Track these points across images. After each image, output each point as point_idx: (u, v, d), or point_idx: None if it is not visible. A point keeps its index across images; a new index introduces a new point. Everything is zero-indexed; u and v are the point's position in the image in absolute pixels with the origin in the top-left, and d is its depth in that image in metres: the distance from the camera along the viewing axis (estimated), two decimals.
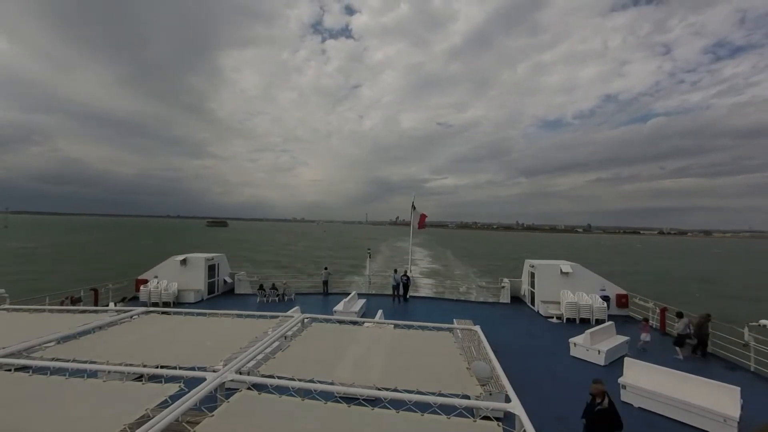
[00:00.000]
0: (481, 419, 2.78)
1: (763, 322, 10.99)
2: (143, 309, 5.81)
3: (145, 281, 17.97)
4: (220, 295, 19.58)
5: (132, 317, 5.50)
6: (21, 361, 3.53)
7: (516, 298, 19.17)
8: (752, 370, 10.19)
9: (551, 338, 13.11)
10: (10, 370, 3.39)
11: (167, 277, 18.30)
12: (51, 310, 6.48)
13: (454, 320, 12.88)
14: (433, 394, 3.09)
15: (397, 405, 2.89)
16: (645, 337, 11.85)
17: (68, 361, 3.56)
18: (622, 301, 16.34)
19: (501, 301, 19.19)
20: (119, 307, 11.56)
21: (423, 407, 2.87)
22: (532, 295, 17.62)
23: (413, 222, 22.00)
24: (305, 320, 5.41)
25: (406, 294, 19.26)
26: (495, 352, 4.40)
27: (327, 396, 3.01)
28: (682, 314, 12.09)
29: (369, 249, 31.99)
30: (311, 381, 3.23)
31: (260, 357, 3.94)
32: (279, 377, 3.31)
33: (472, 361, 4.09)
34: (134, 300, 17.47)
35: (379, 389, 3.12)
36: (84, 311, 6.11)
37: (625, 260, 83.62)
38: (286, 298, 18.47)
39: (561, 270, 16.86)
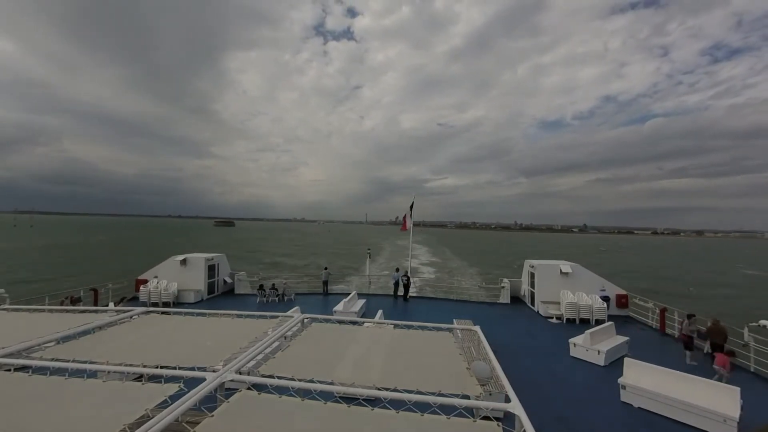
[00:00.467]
0: (481, 419, 2.77)
1: (763, 322, 11.00)
2: (143, 309, 5.80)
3: (145, 281, 17.97)
4: (220, 295, 19.57)
5: (132, 317, 5.50)
6: (21, 361, 3.53)
7: (516, 299, 19.17)
8: (752, 370, 10.18)
9: (551, 338, 13.11)
10: (9, 370, 3.39)
11: (167, 277, 18.30)
12: (51, 310, 6.48)
13: (454, 320, 12.89)
14: (433, 394, 3.08)
15: (397, 405, 2.89)
16: (723, 371, 9.70)
17: (68, 361, 3.56)
18: (622, 301, 16.34)
19: (501, 301, 19.19)
20: (119, 307, 11.56)
21: (423, 407, 2.86)
22: (532, 295, 17.63)
23: (409, 222, 22.77)
24: (305, 320, 5.40)
25: (406, 294, 19.31)
26: (495, 352, 4.40)
27: (327, 396, 3.01)
28: (692, 315, 11.32)
29: (369, 249, 31.98)
30: (311, 381, 3.22)
31: (260, 357, 3.94)
32: (279, 377, 3.31)
33: (472, 361, 4.09)
34: (134, 300, 17.47)
35: (379, 389, 3.12)
36: (84, 311, 6.10)
37: (599, 257, 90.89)
38: (286, 298, 18.47)
39: (561, 270, 16.86)
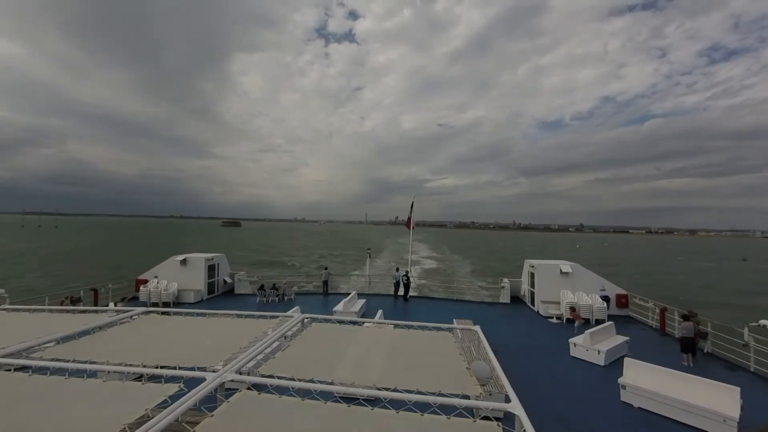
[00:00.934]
0: (480, 419, 2.77)
1: (763, 322, 10.99)
2: (143, 309, 5.80)
3: (145, 281, 17.97)
4: (220, 295, 19.57)
5: (132, 317, 5.50)
6: (21, 361, 3.53)
7: (516, 298, 19.17)
8: (752, 370, 10.18)
9: (551, 338, 13.10)
10: (9, 370, 3.39)
11: (167, 277, 18.29)
12: (51, 310, 6.47)
13: (454, 320, 12.88)
14: (432, 394, 3.08)
15: (397, 405, 2.89)
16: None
17: (68, 361, 3.56)
18: (622, 301, 16.34)
19: (501, 301, 19.20)
20: (119, 307, 11.56)
21: (423, 407, 2.86)
22: (532, 295, 17.63)
23: (409, 222, 23.32)
24: (305, 320, 5.40)
25: (406, 294, 19.32)
26: (495, 352, 4.40)
27: (327, 396, 3.01)
28: (688, 317, 10.98)
29: (369, 249, 31.97)
30: (311, 381, 3.23)
31: (260, 357, 3.94)
32: (279, 377, 3.31)
33: (472, 361, 4.09)
34: (134, 300, 17.46)
35: (378, 389, 3.12)
36: (84, 311, 6.10)
37: (578, 253, 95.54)
38: (286, 298, 18.47)
39: (561, 270, 16.86)
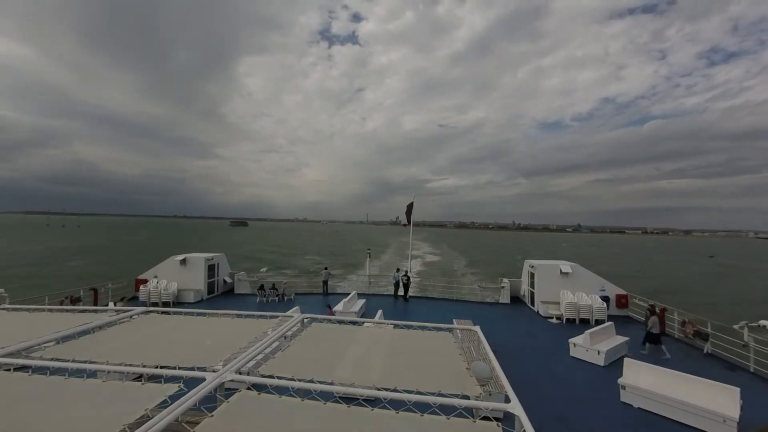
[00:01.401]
0: (480, 419, 2.77)
1: (763, 322, 11.00)
2: (143, 309, 5.80)
3: (145, 281, 17.97)
4: (219, 295, 19.57)
5: (131, 317, 5.49)
6: (20, 361, 3.52)
7: (516, 299, 19.17)
8: (752, 370, 10.18)
9: (551, 338, 13.11)
10: (9, 369, 3.38)
11: (167, 277, 18.30)
12: (50, 310, 6.47)
13: (454, 320, 12.89)
14: (432, 394, 3.08)
15: (397, 405, 2.89)
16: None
17: (68, 361, 3.55)
18: (622, 301, 16.34)
19: (501, 301, 19.20)
20: (119, 306, 11.57)
21: (423, 407, 2.86)
22: (532, 295, 17.63)
23: (409, 219, 23.44)
24: (305, 320, 5.40)
25: (406, 294, 19.33)
26: (495, 352, 4.39)
27: (327, 396, 3.01)
28: (654, 311, 12.02)
29: (369, 249, 31.96)
30: (311, 381, 3.22)
31: (260, 357, 3.93)
32: (279, 377, 3.31)
33: (472, 361, 4.08)
34: (134, 300, 17.47)
35: (378, 389, 3.12)
36: (83, 311, 6.10)
37: (563, 252, 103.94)
38: (285, 298, 18.48)
39: (561, 270, 16.85)
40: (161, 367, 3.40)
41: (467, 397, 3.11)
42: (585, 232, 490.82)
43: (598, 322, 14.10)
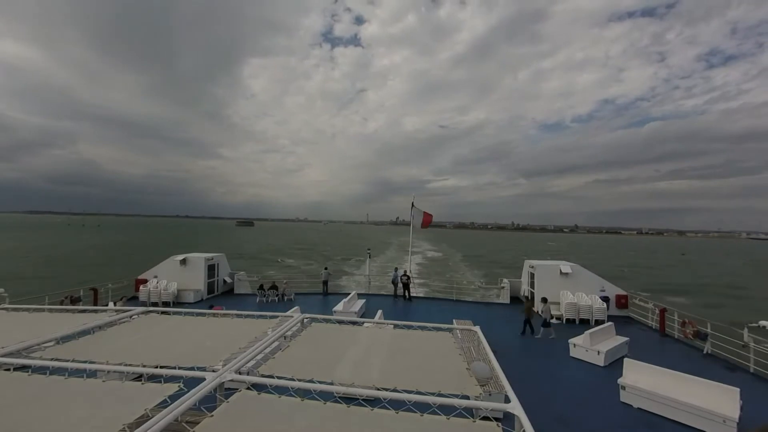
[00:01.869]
0: (480, 420, 2.77)
1: (763, 323, 11.01)
2: (143, 309, 5.80)
3: (145, 281, 17.97)
4: (219, 295, 19.57)
5: (131, 317, 5.49)
6: (20, 361, 3.52)
7: (516, 299, 19.17)
8: (752, 371, 10.18)
9: (551, 339, 13.11)
10: (9, 369, 3.38)
11: (167, 276, 18.29)
12: (50, 310, 6.47)
13: (454, 320, 12.88)
14: (432, 394, 3.08)
15: (397, 405, 2.89)
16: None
17: (67, 360, 3.55)
18: (622, 301, 16.34)
19: (501, 301, 19.21)
20: (119, 306, 11.57)
21: (422, 407, 2.86)
22: (532, 295, 17.63)
23: (414, 221, 22.01)
24: (305, 320, 5.40)
25: (406, 293, 19.32)
26: (494, 352, 4.39)
27: (326, 396, 3.00)
28: (546, 300, 14.10)
29: (369, 249, 31.95)
30: (311, 381, 3.22)
31: (260, 357, 3.93)
32: (278, 377, 3.31)
33: (472, 361, 4.08)
34: (134, 300, 17.46)
35: (378, 389, 3.12)
36: (83, 311, 6.10)
37: (548, 251, 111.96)
38: (285, 298, 18.47)
39: (561, 270, 16.85)
40: (161, 367, 3.40)
41: (467, 397, 3.11)
42: (582, 233, 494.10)
43: (598, 323, 14.10)
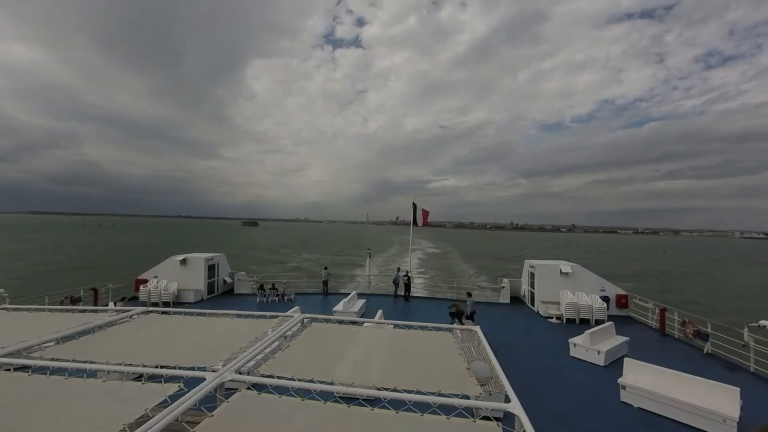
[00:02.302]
0: (480, 419, 2.77)
1: (763, 322, 11.00)
2: (143, 309, 5.80)
3: (145, 281, 17.97)
4: (219, 295, 19.57)
5: (131, 317, 5.49)
6: (20, 361, 3.52)
7: (516, 299, 19.18)
8: (752, 370, 10.18)
9: (551, 338, 13.11)
10: (9, 369, 3.38)
11: (167, 277, 18.29)
12: (50, 310, 6.47)
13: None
14: (432, 394, 3.08)
15: (397, 405, 2.89)
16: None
17: (67, 360, 3.55)
18: (622, 301, 16.34)
19: (501, 301, 19.20)
20: (119, 306, 11.57)
21: (423, 407, 2.86)
22: (532, 295, 17.63)
23: (414, 219, 22.32)
24: (305, 320, 5.40)
25: (407, 293, 19.31)
26: (495, 352, 4.39)
27: (326, 396, 3.00)
28: (471, 294, 15.13)
29: (369, 249, 31.94)
30: (311, 381, 3.22)
31: (260, 357, 3.93)
32: (279, 377, 3.31)
33: (472, 361, 4.08)
34: (134, 300, 17.46)
35: (378, 389, 3.12)
36: (83, 311, 6.09)
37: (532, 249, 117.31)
38: (285, 298, 18.48)
39: (561, 270, 16.85)
40: (161, 367, 3.40)
41: (467, 397, 3.11)
42: (579, 232, 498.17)
43: (598, 322, 14.10)
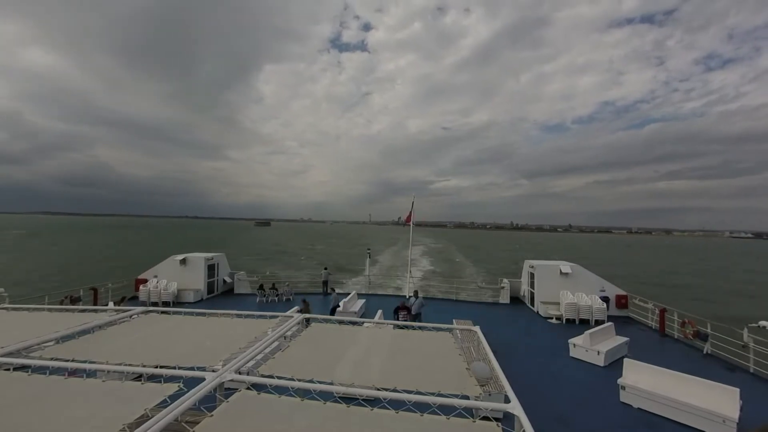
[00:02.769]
0: (480, 420, 2.77)
1: (763, 323, 11.00)
2: (142, 309, 5.80)
3: (145, 281, 17.96)
4: (219, 295, 19.58)
5: (131, 317, 5.49)
6: (20, 361, 3.52)
7: (516, 299, 19.17)
8: (751, 371, 10.18)
9: (551, 339, 13.11)
10: (9, 369, 3.38)
11: (167, 276, 18.29)
12: (50, 310, 6.47)
13: (454, 320, 12.89)
14: (432, 394, 3.08)
15: (397, 405, 2.89)
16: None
17: (67, 360, 3.55)
18: (622, 301, 16.34)
19: (500, 301, 19.20)
20: (119, 306, 11.56)
21: (422, 407, 2.86)
22: (532, 295, 17.63)
23: (411, 219, 22.56)
24: (305, 320, 5.40)
25: (417, 317, 14.31)
26: (494, 352, 4.39)
27: (326, 396, 3.00)
28: (417, 292, 15.14)
29: (369, 249, 31.94)
30: (311, 381, 3.22)
31: (260, 357, 3.93)
32: (278, 377, 3.30)
33: (472, 361, 4.08)
34: (134, 300, 17.46)
35: (378, 389, 3.11)
36: (83, 311, 6.09)
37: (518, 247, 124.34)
38: (285, 298, 18.48)
39: (560, 270, 16.86)
40: (161, 367, 3.40)
41: (467, 397, 3.10)
42: (574, 232, 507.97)
43: (598, 323, 14.09)
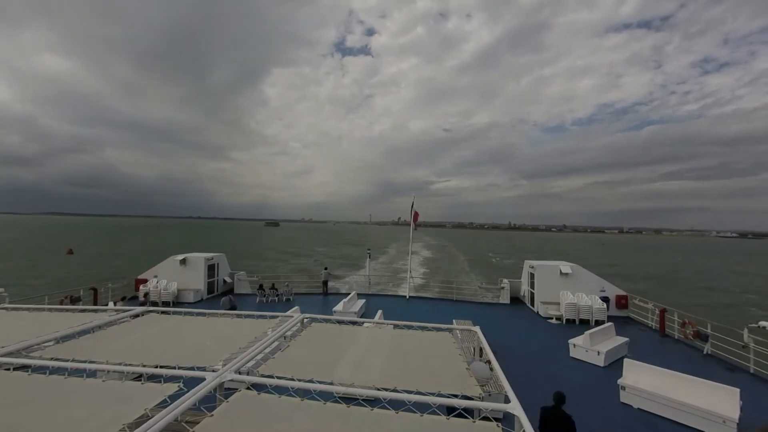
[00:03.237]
0: (480, 420, 2.77)
1: (763, 323, 11.00)
2: (142, 309, 5.80)
3: (145, 281, 17.97)
4: (219, 295, 19.58)
5: (131, 317, 5.50)
6: (20, 361, 3.52)
7: (516, 299, 19.17)
8: (752, 371, 10.18)
9: (551, 339, 13.11)
10: (9, 369, 3.38)
11: (167, 276, 18.30)
12: (50, 309, 6.47)
13: (454, 321, 12.88)
14: (432, 394, 3.08)
15: (397, 405, 2.89)
16: None
17: (67, 360, 3.55)
18: (622, 302, 16.34)
19: (501, 301, 19.20)
20: (119, 306, 11.56)
21: (422, 408, 2.86)
22: (532, 295, 17.63)
23: (414, 219, 22.94)
24: (305, 320, 5.40)
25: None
26: (494, 352, 4.39)
27: (326, 396, 3.01)
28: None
29: (369, 249, 31.95)
30: (310, 381, 3.22)
31: (260, 357, 3.94)
32: (278, 377, 3.31)
33: (472, 361, 4.08)
34: (134, 299, 17.46)
35: (378, 389, 3.12)
36: (83, 311, 6.09)
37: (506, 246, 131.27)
38: (285, 298, 18.48)
39: (561, 271, 16.85)
40: (161, 367, 3.40)
41: (467, 398, 3.11)
42: (568, 232, 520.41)
43: (598, 323, 14.09)
